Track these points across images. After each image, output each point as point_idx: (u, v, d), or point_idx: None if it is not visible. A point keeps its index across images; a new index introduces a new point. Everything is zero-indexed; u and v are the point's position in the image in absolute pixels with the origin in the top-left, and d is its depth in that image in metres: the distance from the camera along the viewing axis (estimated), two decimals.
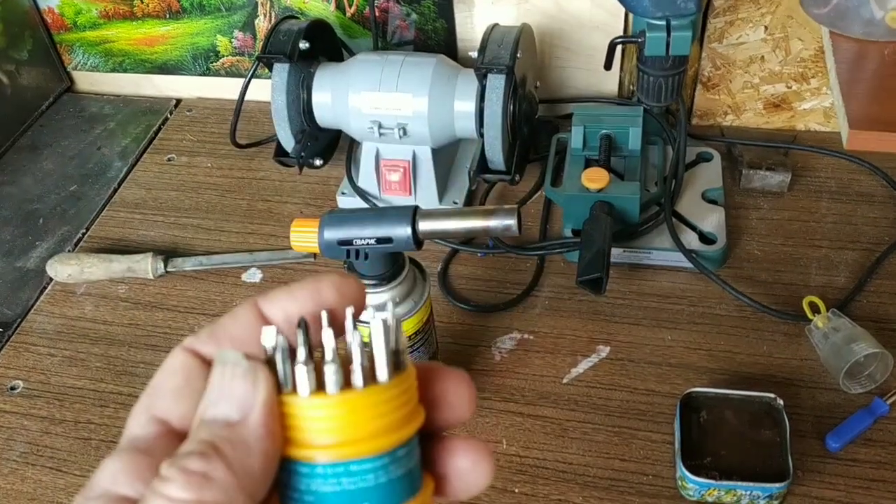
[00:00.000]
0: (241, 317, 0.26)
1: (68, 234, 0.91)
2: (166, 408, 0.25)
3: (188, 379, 0.25)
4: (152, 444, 0.24)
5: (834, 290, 0.76)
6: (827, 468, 0.64)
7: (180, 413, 0.25)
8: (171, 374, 0.25)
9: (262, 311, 0.26)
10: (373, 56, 0.84)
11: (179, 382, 0.25)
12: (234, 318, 0.26)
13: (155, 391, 0.25)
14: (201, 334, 0.26)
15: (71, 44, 1.08)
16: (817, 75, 0.86)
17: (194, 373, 0.25)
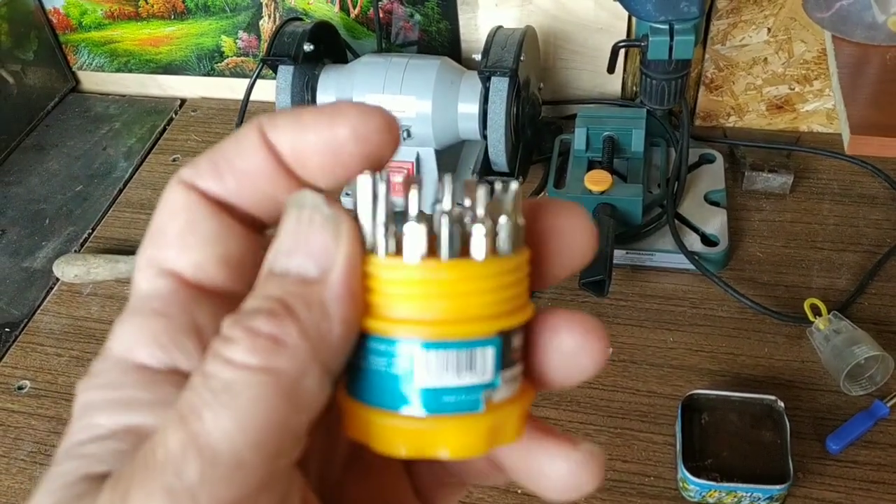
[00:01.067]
0: (246, 146, 0.21)
1: (74, 234, 0.92)
2: (173, 258, 0.21)
3: (192, 222, 0.22)
4: (167, 301, 0.21)
5: (835, 292, 0.76)
6: (827, 470, 0.64)
7: (191, 262, 0.21)
8: (171, 215, 0.22)
9: (269, 140, 0.21)
10: (377, 58, 0.85)
11: (182, 226, 0.22)
12: (237, 147, 0.22)
13: (157, 238, 0.22)
14: (201, 166, 0.22)
15: (76, 44, 1.09)
16: (820, 77, 0.86)
17: (199, 213, 0.22)
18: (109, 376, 0.20)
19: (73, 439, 0.20)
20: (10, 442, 0.72)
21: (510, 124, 0.79)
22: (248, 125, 0.22)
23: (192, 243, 0.21)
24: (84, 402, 0.20)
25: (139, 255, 0.22)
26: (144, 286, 0.21)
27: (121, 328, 0.21)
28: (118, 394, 0.20)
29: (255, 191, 0.22)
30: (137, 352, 0.20)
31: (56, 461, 0.20)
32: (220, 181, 0.22)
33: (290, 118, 0.21)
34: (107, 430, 0.20)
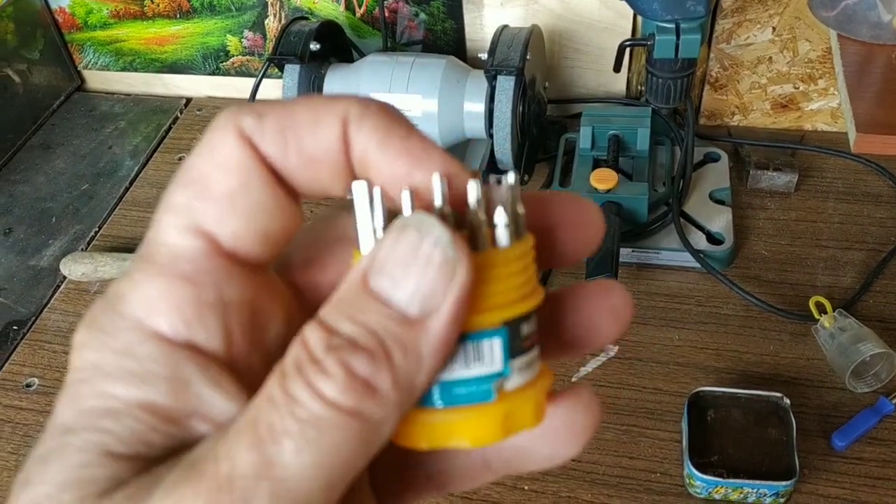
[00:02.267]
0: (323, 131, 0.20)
1: (81, 232, 0.92)
2: (216, 219, 0.19)
3: (246, 185, 0.19)
4: (198, 267, 0.19)
5: (840, 290, 0.76)
6: (833, 466, 0.65)
7: (232, 230, 0.20)
8: (224, 170, 0.19)
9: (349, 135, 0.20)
10: (383, 57, 0.85)
11: (234, 186, 0.19)
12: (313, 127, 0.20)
13: (200, 189, 0.19)
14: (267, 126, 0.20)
15: (82, 43, 1.09)
16: (825, 76, 0.87)
17: (254, 178, 0.20)
18: (124, 339, 0.19)
19: (85, 405, 0.19)
20: (18, 439, 0.73)
21: (516, 123, 0.79)
22: (332, 106, 0.20)
23: (239, 210, 0.20)
24: (94, 362, 0.19)
25: (171, 194, 0.20)
26: (174, 240, 0.20)
27: (141, 285, 0.19)
28: (133, 363, 0.19)
29: (312, 175, 0.20)
30: (157, 319, 0.19)
31: (64, 423, 0.19)
32: (283, 152, 0.20)
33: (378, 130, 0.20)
34: (122, 403, 0.19)
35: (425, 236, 0.18)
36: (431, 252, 0.18)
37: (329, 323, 0.18)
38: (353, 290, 0.19)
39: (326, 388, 0.17)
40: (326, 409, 0.17)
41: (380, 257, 0.19)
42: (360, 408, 0.17)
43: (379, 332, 0.18)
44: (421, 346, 0.18)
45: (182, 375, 0.19)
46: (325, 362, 0.18)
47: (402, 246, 0.19)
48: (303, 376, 0.18)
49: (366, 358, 0.18)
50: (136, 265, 0.20)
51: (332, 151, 0.20)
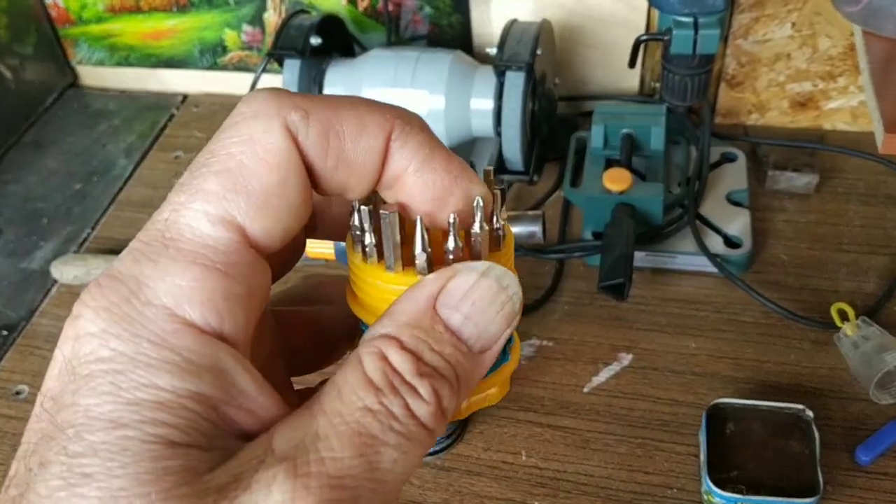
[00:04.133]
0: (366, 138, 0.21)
1: (73, 234, 0.89)
2: (251, 214, 0.19)
3: (285, 183, 0.20)
4: (231, 261, 0.19)
5: (863, 296, 0.73)
6: (856, 482, 0.62)
7: (265, 226, 0.20)
8: (266, 165, 0.19)
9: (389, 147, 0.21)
10: (387, 52, 0.82)
11: (274, 184, 0.19)
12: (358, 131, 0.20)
13: (238, 182, 0.19)
14: (313, 122, 0.20)
15: (75, 38, 1.06)
16: (845, 74, 0.84)
17: (293, 176, 0.20)
18: (156, 329, 0.19)
19: (131, 397, 0.18)
20: (7, 449, 0.70)
21: (525, 121, 0.76)
22: (378, 115, 0.21)
23: (273, 207, 0.20)
24: (125, 352, 0.19)
25: (201, 178, 0.20)
26: (206, 229, 0.19)
27: (170, 273, 0.19)
28: (173, 354, 0.19)
29: (342, 179, 0.21)
30: (190, 309, 0.19)
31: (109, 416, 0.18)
32: (324, 155, 0.20)
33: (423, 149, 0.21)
34: (173, 394, 0.19)
35: (504, 289, 0.21)
36: (505, 304, 0.21)
37: (411, 348, 0.20)
38: (425, 316, 0.21)
39: (421, 412, 0.20)
40: (419, 430, 0.20)
41: (454, 292, 0.21)
42: (437, 428, 0.20)
43: (455, 366, 0.21)
44: (476, 376, 0.22)
45: (221, 366, 0.19)
46: (419, 388, 0.20)
47: (483, 291, 0.21)
48: (399, 397, 0.20)
49: (448, 389, 0.20)
50: (155, 248, 0.20)
51: (370, 162, 0.21)
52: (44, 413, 0.19)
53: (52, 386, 0.20)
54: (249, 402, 0.20)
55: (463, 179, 0.22)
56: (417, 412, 0.20)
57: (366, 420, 0.19)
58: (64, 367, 0.19)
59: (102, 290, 0.19)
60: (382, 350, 0.20)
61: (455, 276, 0.21)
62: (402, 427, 0.19)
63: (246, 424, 0.20)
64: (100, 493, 0.18)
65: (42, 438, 0.19)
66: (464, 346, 0.21)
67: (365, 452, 0.19)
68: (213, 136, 0.21)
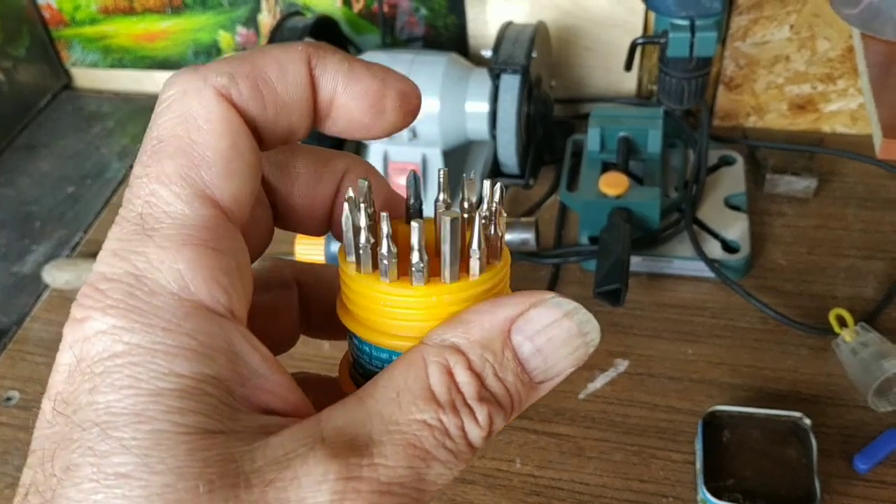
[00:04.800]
0: (289, 73, 0.20)
1: (65, 237, 0.88)
2: (217, 184, 0.19)
3: (237, 145, 0.20)
4: (217, 234, 0.19)
5: (862, 301, 0.72)
6: (854, 490, 0.61)
7: (232, 193, 0.20)
8: (214, 134, 0.19)
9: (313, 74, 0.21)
10: (381, 54, 0.81)
11: (227, 149, 0.19)
12: (282, 74, 0.20)
13: (195, 153, 0.19)
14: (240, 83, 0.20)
15: (69, 40, 1.05)
16: (844, 76, 0.83)
17: (242, 137, 0.20)
18: (167, 316, 0.18)
19: (152, 387, 0.18)
20: None
21: (521, 124, 0.75)
22: (293, 52, 0.21)
23: (235, 170, 0.20)
24: (139, 343, 0.18)
25: (156, 163, 0.19)
26: (182, 210, 0.19)
27: (166, 259, 0.19)
28: (188, 339, 0.19)
29: (284, 124, 0.21)
30: (196, 289, 0.19)
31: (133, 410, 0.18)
32: (261, 106, 0.20)
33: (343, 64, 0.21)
34: (194, 381, 0.18)
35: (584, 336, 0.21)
36: (580, 349, 0.21)
37: (477, 370, 0.21)
38: (498, 339, 0.21)
39: (473, 433, 0.20)
40: (466, 448, 0.20)
41: (533, 323, 0.21)
42: (481, 448, 0.21)
43: (513, 395, 0.21)
44: (528, 404, 0.22)
45: (234, 346, 0.19)
46: (477, 413, 0.20)
47: (562, 332, 0.21)
48: (458, 417, 0.20)
49: (503, 416, 0.21)
50: (139, 241, 0.19)
51: (302, 95, 0.21)
52: (58, 416, 0.18)
53: (61, 389, 0.19)
54: (263, 381, 0.20)
55: (390, 79, 0.22)
56: (470, 435, 0.20)
57: (422, 434, 0.20)
58: (74, 369, 0.19)
59: (101, 292, 0.19)
60: (450, 364, 0.20)
61: (539, 306, 0.21)
62: (454, 446, 0.20)
63: (263, 402, 0.20)
64: (143, 491, 0.17)
65: (60, 442, 0.18)
66: (527, 377, 0.21)
67: (416, 465, 0.19)
68: (149, 125, 0.20)
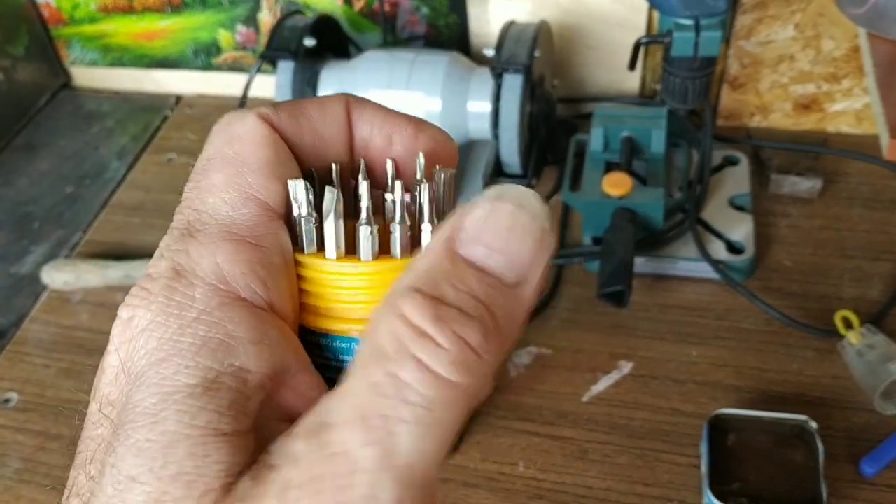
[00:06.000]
0: (328, 111, 0.22)
1: (64, 238, 0.88)
2: (261, 185, 0.20)
3: (279, 154, 0.21)
4: (259, 231, 0.20)
5: (867, 303, 0.72)
6: (861, 494, 0.60)
7: (278, 193, 0.21)
8: (257, 145, 0.21)
9: (351, 118, 0.22)
10: (382, 53, 0.81)
11: (270, 155, 0.21)
12: (321, 109, 0.22)
13: (240, 162, 0.21)
14: (281, 114, 0.22)
15: (68, 38, 1.05)
16: (849, 76, 0.82)
17: (282, 149, 0.21)
18: (201, 307, 0.18)
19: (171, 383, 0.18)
20: None
21: (524, 123, 0.75)
22: (334, 96, 0.22)
23: (279, 175, 0.21)
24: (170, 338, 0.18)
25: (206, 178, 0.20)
26: (227, 212, 0.20)
27: (206, 253, 0.19)
28: (217, 328, 0.18)
29: (321, 155, 0.22)
30: (233, 281, 0.19)
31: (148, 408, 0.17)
32: (298, 133, 0.22)
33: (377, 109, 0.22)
34: (216, 373, 0.18)
35: (525, 209, 0.18)
36: (531, 224, 0.18)
37: (428, 291, 0.17)
38: (442, 259, 0.18)
39: (439, 365, 0.16)
40: (438, 388, 0.16)
41: (471, 227, 0.18)
42: (471, 382, 0.17)
43: (487, 301, 0.17)
44: (518, 313, 0.18)
45: (268, 340, 0.19)
46: (436, 336, 0.16)
47: (501, 217, 0.18)
48: (411, 356, 0.16)
49: (479, 328, 0.17)
50: (182, 241, 0.19)
51: (338, 133, 0.22)
52: (102, 419, 0.19)
53: (107, 392, 0.19)
54: (290, 378, 0.19)
55: (427, 126, 0.23)
56: (434, 367, 0.16)
57: (372, 399, 0.16)
58: (119, 371, 0.19)
59: (145, 290, 0.19)
60: (399, 306, 0.17)
61: (469, 211, 0.18)
62: (417, 395, 0.16)
63: (286, 400, 0.19)
64: (145, 497, 0.17)
65: (101, 444, 0.19)
66: (494, 279, 0.18)
67: (377, 439, 0.16)
68: (200, 155, 0.22)
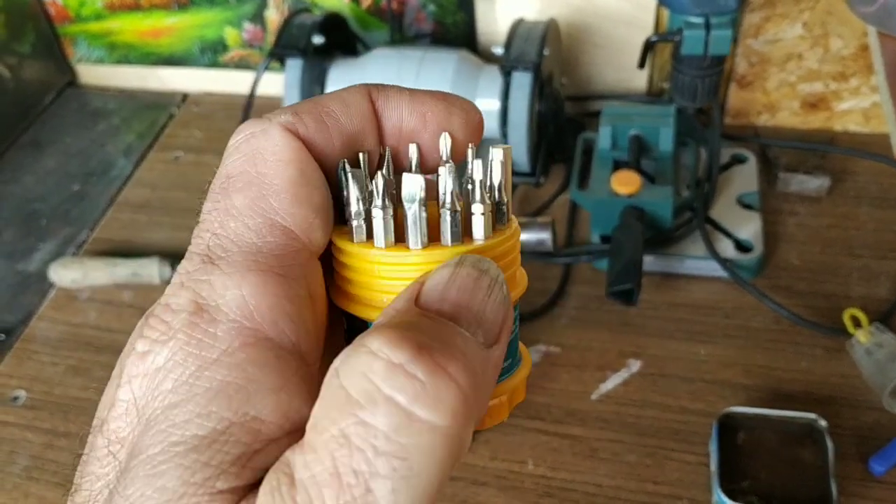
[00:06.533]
0: (352, 105, 0.21)
1: (71, 235, 0.88)
2: (286, 210, 0.19)
3: (305, 173, 0.19)
4: (285, 262, 0.19)
5: (875, 301, 0.72)
6: (870, 493, 0.60)
7: (304, 217, 0.19)
8: (281, 164, 0.19)
9: (376, 107, 0.21)
10: (390, 51, 0.81)
11: (295, 177, 0.19)
12: (343, 105, 0.21)
13: (264, 183, 0.19)
14: (305, 117, 0.20)
15: (74, 36, 1.04)
16: (857, 74, 0.82)
17: (308, 165, 0.20)
18: (223, 346, 0.17)
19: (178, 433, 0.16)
20: (4, 456, 0.68)
21: (532, 122, 0.75)
22: (353, 88, 0.21)
23: (304, 196, 0.19)
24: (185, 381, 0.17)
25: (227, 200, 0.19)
26: (251, 239, 0.19)
27: (231, 285, 0.18)
28: (235, 373, 0.17)
29: (352, 154, 0.21)
30: (260, 316, 0.18)
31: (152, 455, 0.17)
32: (327, 137, 0.20)
33: (402, 92, 0.21)
34: (225, 423, 0.17)
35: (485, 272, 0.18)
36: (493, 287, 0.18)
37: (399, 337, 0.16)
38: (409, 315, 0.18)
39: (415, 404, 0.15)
40: (419, 433, 0.15)
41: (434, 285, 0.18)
42: (451, 424, 0.15)
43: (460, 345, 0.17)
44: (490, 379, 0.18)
45: (289, 387, 0.17)
46: (412, 368, 0.15)
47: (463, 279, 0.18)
48: (382, 397, 0.15)
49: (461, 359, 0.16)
50: (204, 270, 0.18)
51: (366, 125, 0.21)
52: (110, 457, 0.18)
53: (116, 427, 0.18)
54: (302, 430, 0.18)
55: (455, 98, 0.22)
56: (409, 405, 0.15)
57: (342, 452, 0.15)
58: (132, 405, 0.18)
59: (165, 324, 0.18)
60: (365, 343, 0.16)
61: (429, 277, 0.18)
62: (392, 443, 0.15)
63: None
64: None
65: (104, 490, 0.18)
66: (465, 333, 0.17)
67: (352, 499, 0.15)
68: (218, 169, 0.21)
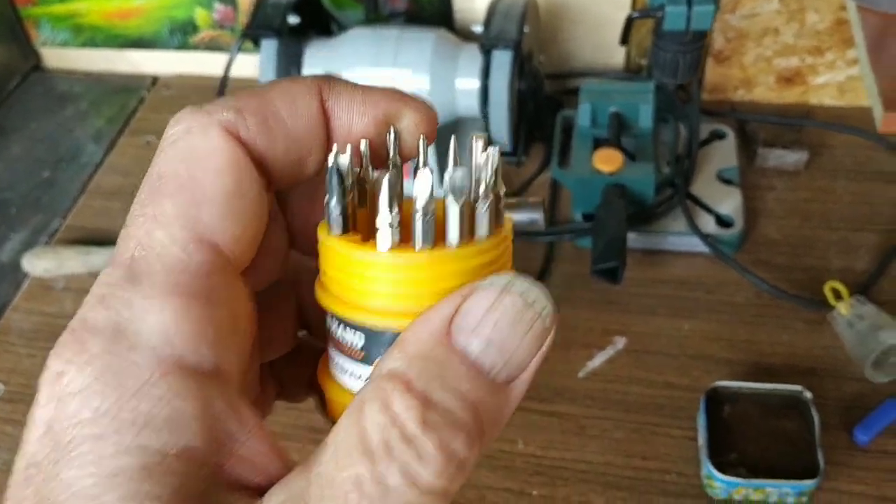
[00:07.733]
0: (300, 105, 0.19)
1: (42, 223, 0.86)
2: (216, 225, 0.18)
3: (240, 183, 0.18)
4: (211, 283, 0.18)
5: (854, 273, 0.73)
6: (855, 461, 0.61)
7: (233, 235, 0.18)
8: (216, 171, 0.18)
9: (326, 107, 0.20)
10: (367, 30, 0.79)
11: (230, 187, 0.18)
12: (291, 105, 0.19)
13: (194, 196, 0.18)
14: (248, 118, 0.19)
15: (38, 18, 1.01)
16: (832, 48, 0.83)
17: (247, 175, 0.19)
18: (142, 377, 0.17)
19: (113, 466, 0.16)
20: None
21: (513, 101, 0.74)
22: (302, 84, 0.20)
23: (236, 212, 0.18)
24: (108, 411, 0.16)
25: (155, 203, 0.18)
26: (176, 255, 0.18)
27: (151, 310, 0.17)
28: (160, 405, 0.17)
29: (295, 159, 0.20)
30: (180, 347, 0.17)
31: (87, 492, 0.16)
32: (270, 140, 0.19)
33: (354, 90, 0.20)
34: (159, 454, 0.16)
35: (531, 306, 0.18)
36: (534, 322, 0.18)
37: (419, 388, 0.17)
38: (438, 344, 0.17)
39: (421, 474, 0.16)
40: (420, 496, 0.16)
41: (471, 313, 0.17)
42: (451, 488, 0.16)
43: (475, 405, 0.17)
44: (505, 414, 0.18)
45: (213, 411, 0.17)
46: (423, 445, 0.16)
47: (505, 310, 0.17)
48: (396, 461, 0.16)
49: (464, 438, 0.16)
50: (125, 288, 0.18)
51: (313, 127, 0.20)
52: (29, 483, 0.17)
53: (33, 451, 0.17)
54: (239, 448, 0.18)
55: (408, 99, 0.21)
56: (418, 477, 0.16)
57: (353, 497, 0.16)
58: (46, 431, 0.17)
59: (81, 344, 0.17)
60: (387, 395, 0.17)
61: (472, 295, 0.18)
62: (401, 499, 0.16)
63: (237, 473, 0.18)
64: None
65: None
66: (485, 378, 0.17)
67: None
68: (152, 161, 0.19)
